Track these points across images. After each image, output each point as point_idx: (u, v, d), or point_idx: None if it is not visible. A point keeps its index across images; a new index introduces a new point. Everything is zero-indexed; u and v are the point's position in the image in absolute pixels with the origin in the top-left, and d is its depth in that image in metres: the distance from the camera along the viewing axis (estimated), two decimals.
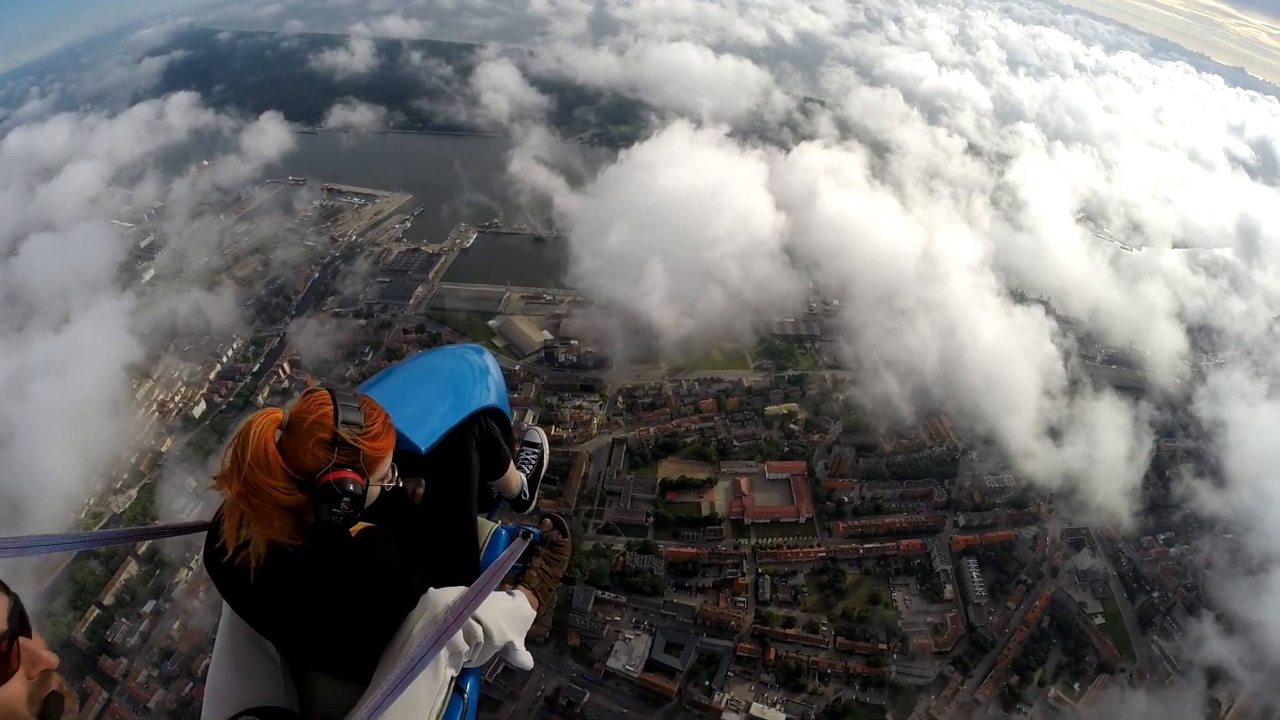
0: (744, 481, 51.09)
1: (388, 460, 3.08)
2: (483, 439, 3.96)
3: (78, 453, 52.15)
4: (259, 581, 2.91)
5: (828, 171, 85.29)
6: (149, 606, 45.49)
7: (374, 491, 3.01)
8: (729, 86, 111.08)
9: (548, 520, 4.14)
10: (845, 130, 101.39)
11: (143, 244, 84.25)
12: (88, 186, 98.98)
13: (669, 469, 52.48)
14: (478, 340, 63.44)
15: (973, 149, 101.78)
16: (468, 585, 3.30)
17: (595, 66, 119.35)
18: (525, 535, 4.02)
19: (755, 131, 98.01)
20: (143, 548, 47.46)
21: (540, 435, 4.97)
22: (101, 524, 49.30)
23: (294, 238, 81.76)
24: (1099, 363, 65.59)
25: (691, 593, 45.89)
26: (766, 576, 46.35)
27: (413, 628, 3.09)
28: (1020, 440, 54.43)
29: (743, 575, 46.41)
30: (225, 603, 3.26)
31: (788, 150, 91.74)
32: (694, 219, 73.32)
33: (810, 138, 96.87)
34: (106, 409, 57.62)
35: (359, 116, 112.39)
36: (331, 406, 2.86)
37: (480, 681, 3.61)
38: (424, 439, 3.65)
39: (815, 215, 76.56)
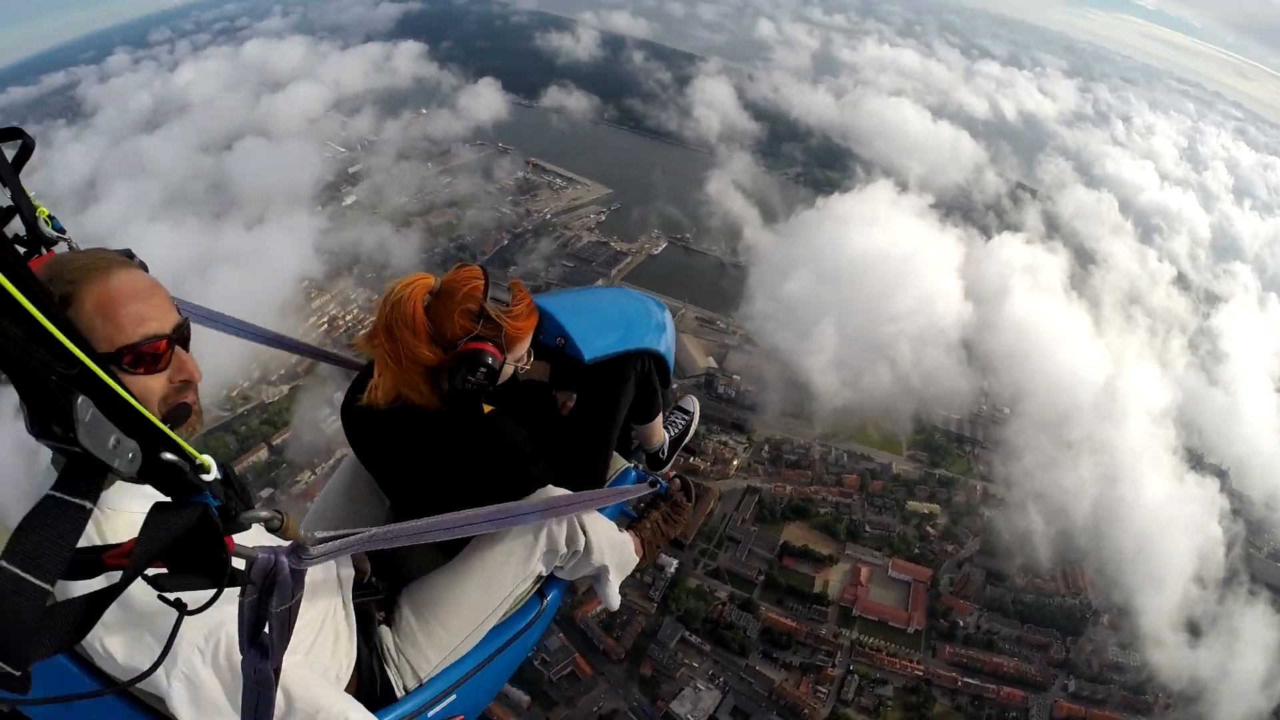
0: (865, 571, 49.16)
1: (526, 342, 3.20)
2: (641, 377, 3.91)
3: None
4: (388, 434, 3.09)
5: (1025, 269, 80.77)
6: (265, 492, 47.82)
7: (508, 370, 3.14)
8: (941, 155, 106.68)
9: (677, 480, 4.17)
10: (1052, 228, 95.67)
11: (350, 170, 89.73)
12: (309, 107, 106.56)
13: (794, 533, 51.27)
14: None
15: (1181, 280, 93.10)
16: None
17: (811, 104, 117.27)
18: (652, 483, 4.02)
19: (959, 209, 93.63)
20: (279, 438, 51.50)
21: (694, 404, 4.97)
22: (246, 408, 53.83)
23: (490, 202, 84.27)
24: (1263, 556, 57.64)
25: (776, 665, 44.34)
26: (856, 676, 44.12)
27: None
28: (1155, 623, 49.01)
29: (833, 666, 44.44)
30: (351, 450, 3.42)
31: (989, 236, 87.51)
32: (878, 287, 70.92)
33: (1015, 228, 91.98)
34: (278, 308, 61.07)
35: (573, 102, 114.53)
36: (483, 281, 3.02)
37: (561, 598, 3.63)
38: (589, 350, 3.75)
39: (1003, 314, 72.64)
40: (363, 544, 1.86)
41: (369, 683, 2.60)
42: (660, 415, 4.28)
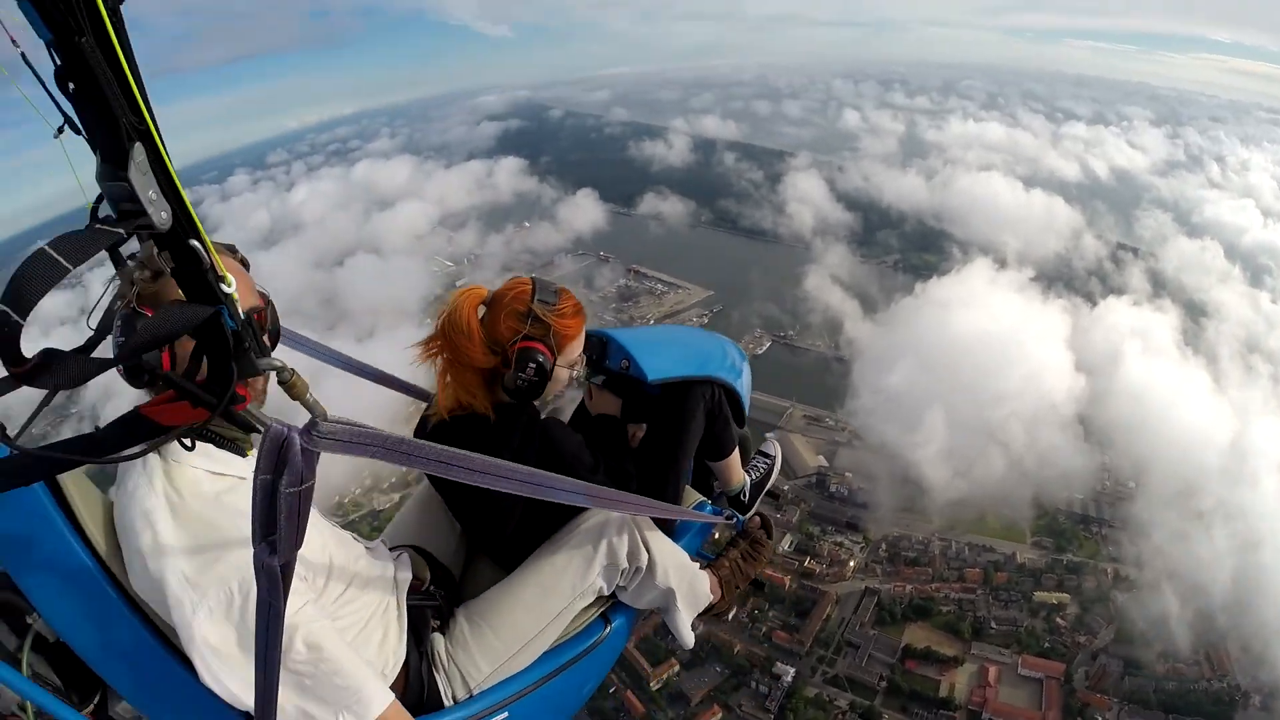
0: (992, 670, 46.67)
1: (577, 343, 3.21)
2: (711, 407, 3.75)
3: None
4: (447, 443, 2.80)
5: (1135, 333, 78.40)
6: None
7: (561, 374, 3.14)
8: (1037, 225, 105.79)
9: (756, 517, 4.01)
10: (1158, 285, 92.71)
11: (457, 283, 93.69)
12: (416, 224, 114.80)
13: (916, 634, 49.42)
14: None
15: None
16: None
17: (902, 189, 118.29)
18: (728, 517, 3.93)
19: (1061, 278, 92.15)
20: None
21: (776, 448, 4.66)
22: (357, 515, 55.74)
23: (593, 310, 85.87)
24: None
25: None
26: None
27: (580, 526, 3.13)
28: None
29: None
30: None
31: (1094, 303, 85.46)
32: (983, 369, 70.11)
33: (1119, 291, 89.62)
34: (388, 418, 64.11)
35: (669, 207, 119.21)
36: (530, 287, 3.08)
37: (630, 629, 3.51)
38: (652, 370, 3.67)
39: (1117, 382, 70.73)
40: (378, 445, 1.64)
41: (416, 688, 2.60)
42: (735, 452, 4.09)
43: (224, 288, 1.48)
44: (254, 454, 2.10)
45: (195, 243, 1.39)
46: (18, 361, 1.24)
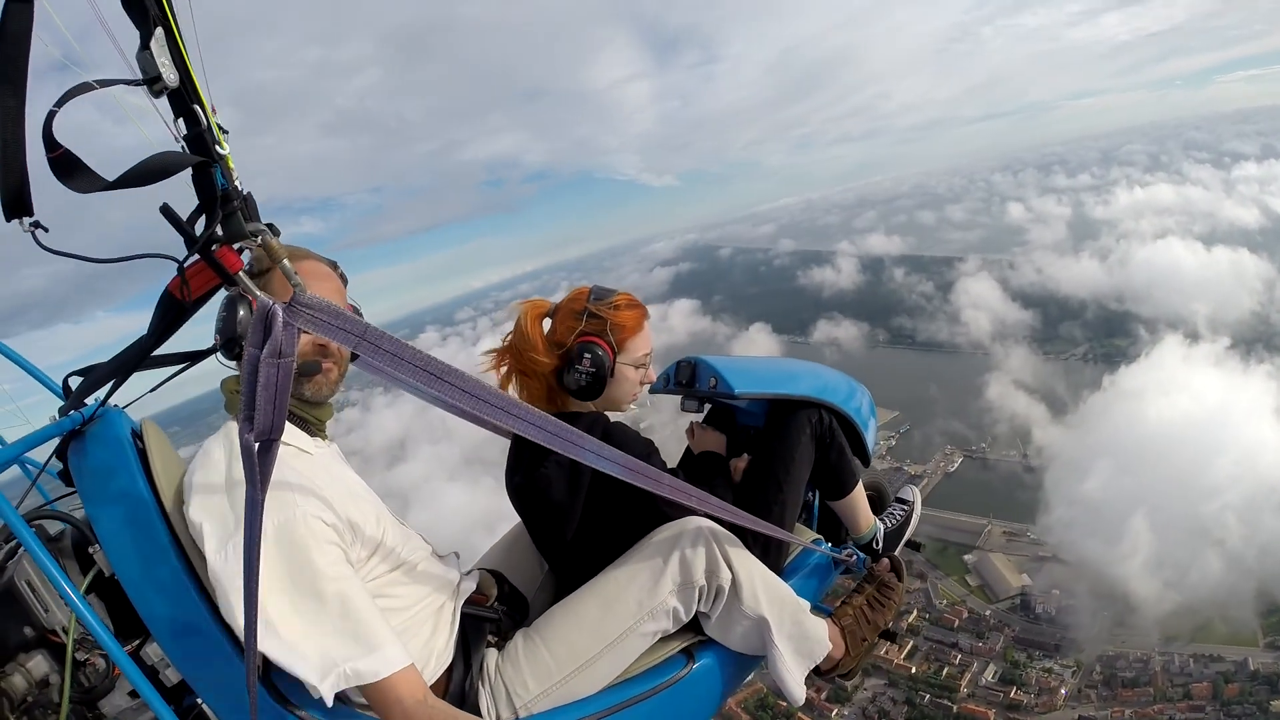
0: None
1: (639, 340, 3.04)
2: (820, 432, 3.32)
3: None
4: (517, 458, 2.95)
5: None
6: None
7: (626, 371, 3.00)
8: (1224, 285, 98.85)
9: (885, 559, 3.39)
10: None
11: (641, 424, 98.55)
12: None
13: None
14: (950, 574, 64.07)
15: None
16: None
17: (1077, 275, 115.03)
18: (848, 554, 3.41)
19: (1260, 339, 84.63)
20: None
21: (915, 494, 4.10)
22: None
23: None
24: None
25: None
26: None
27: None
28: None
29: None
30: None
31: None
32: (1188, 462, 64.74)
33: None
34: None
35: (843, 331, 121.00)
36: (588, 290, 3.05)
37: (725, 676, 2.89)
38: (739, 384, 3.38)
39: None
40: (357, 335, 1.52)
41: (456, 698, 2.40)
42: (859, 491, 3.58)
43: (219, 149, 1.66)
44: (327, 438, 2.46)
45: (196, 107, 1.60)
46: (51, 145, 1.50)
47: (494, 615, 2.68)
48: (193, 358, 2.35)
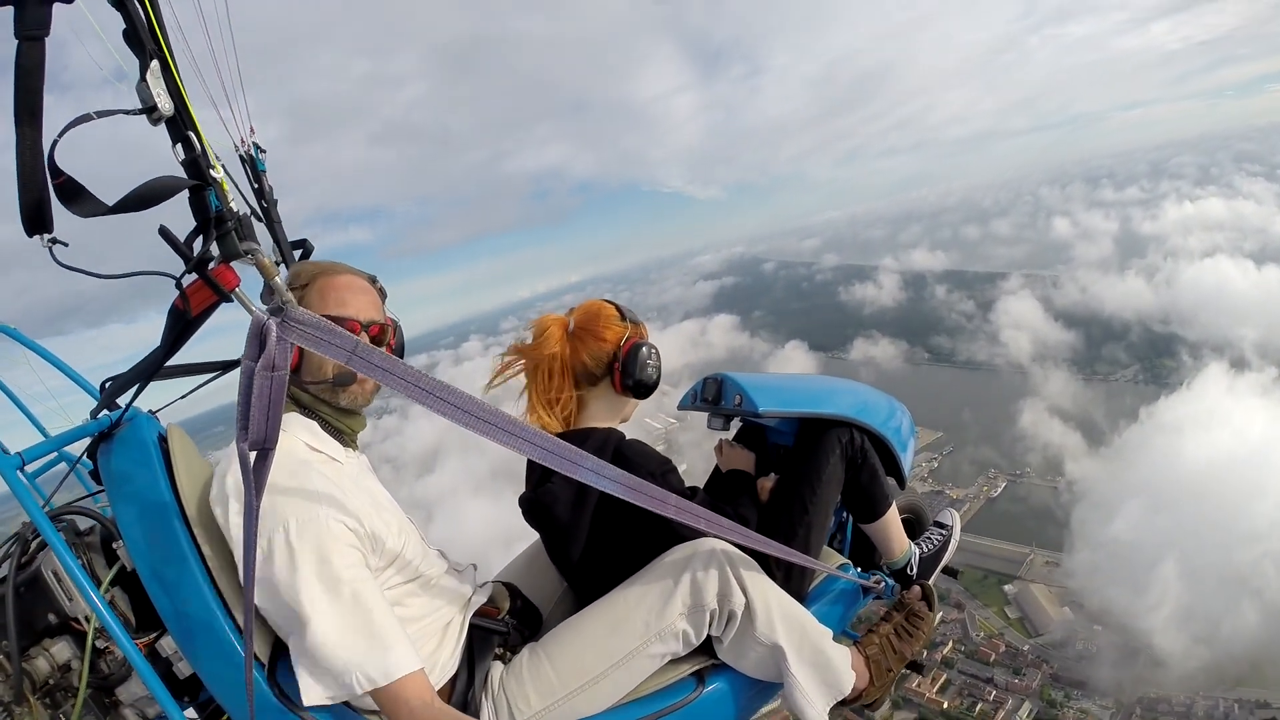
0: None
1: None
2: (852, 453, 3.16)
3: None
4: (534, 473, 2.89)
5: None
6: None
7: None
8: (1275, 307, 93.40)
9: (916, 586, 3.27)
10: None
11: (664, 441, 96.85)
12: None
13: None
14: (988, 605, 62.32)
15: None
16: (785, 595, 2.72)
17: (1122, 295, 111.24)
18: (877, 580, 3.25)
19: None
20: None
21: (954, 518, 3.86)
22: None
23: None
24: None
25: None
26: None
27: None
28: None
29: None
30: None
31: None
32: (1226, 503, 60.52)
33: None
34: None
35: (880, 350, 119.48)
36: (607, 300, 3.00)
37: (738, 703, 2.76)
38: (764, 401, 3.21)
39: None
40: (347, 349, 1.61)
41: (458, 709, 2.27)
42: (893, 514, 3.40)
43: (213, 173, 1.68)
44: (357, 448, 2.50)
45: (191, 134, 1.65)
46: (54, 172, 1.59)
47: (502, 629, 2.67)
48: (225, 366, 2.61)
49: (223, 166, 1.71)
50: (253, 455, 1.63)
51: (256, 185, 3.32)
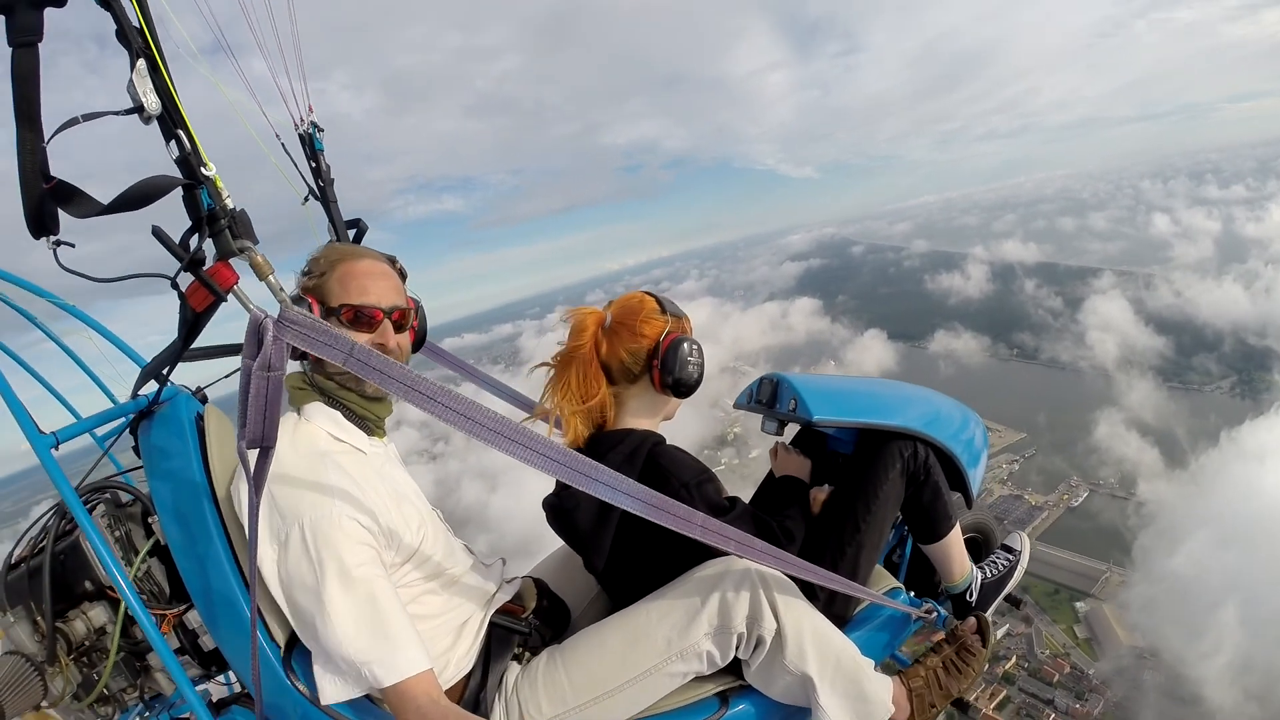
0: None
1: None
2: (914, 468, 2.92)
3: None
4: (559, 486, 2.66)
5: None
6: None
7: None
8: None
9: (972, 618, 2.99)
10: None
11: (730, 434, 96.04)
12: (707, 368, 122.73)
13: None
14: (1057, 620, 60.33)
15: None
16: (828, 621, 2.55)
17: (1218, 301, 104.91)
18: (928, 610, 2.98)
19: None
20: None
21: (1023, 542, 3.56)
22: None
23: None
24: None
25: None
26: None
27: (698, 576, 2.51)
28: None
29: None
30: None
31: None
32: None
33: None
34: None
35: (962, 344, 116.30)
36: (647, 292, 2.88)
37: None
38: (820, 408, 2.99)
39: None
40: (343, 351, 1.64)
41: (469, 709, 2.33)
42: (956, 535, 3.12)
43: (204, 171, 1.72)
44: (384, 436, 2.48)
45: (180, 132, 1.69)
46: (45, 177, 1.66)
47: (524, 629, 2.59)
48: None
49: (281, 146, 2.00)
50: (253, 455, 1.68)
51: (314, 164, 3.34)
